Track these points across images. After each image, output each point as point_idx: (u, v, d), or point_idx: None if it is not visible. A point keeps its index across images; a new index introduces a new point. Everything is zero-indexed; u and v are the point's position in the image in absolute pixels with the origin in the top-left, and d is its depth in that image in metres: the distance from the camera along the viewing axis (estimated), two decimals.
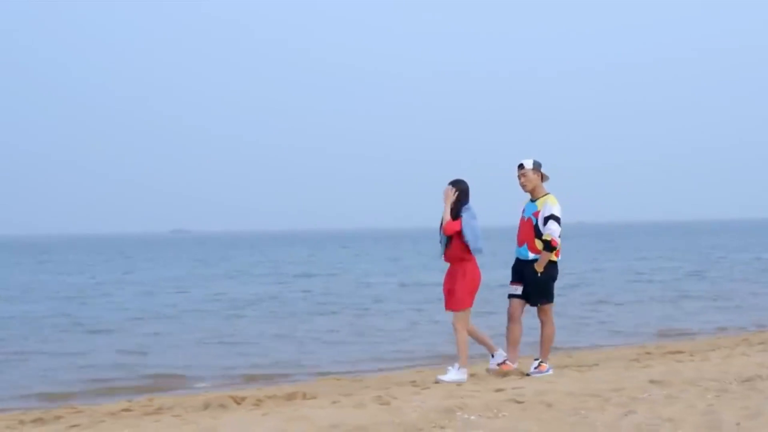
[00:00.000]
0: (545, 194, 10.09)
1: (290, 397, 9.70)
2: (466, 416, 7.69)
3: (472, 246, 9.79)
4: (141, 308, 25.18)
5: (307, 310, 24.00)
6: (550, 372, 10.13)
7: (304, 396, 9.66)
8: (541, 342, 10.21)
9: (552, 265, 10.05)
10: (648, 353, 13.13)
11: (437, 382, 9.82)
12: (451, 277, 10.00)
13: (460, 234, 9.81)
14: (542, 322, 10.21)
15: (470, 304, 9.96)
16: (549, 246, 9.90)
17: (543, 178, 10.17)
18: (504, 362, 10.14)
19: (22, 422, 9.75)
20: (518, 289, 10.14)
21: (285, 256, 68.13)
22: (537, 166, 10.10)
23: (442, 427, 7.34)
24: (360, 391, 9.84)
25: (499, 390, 9.03)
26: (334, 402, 8.94)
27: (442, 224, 9.93)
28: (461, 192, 9.90)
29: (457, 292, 9.86)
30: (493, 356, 10.18)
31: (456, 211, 9.86)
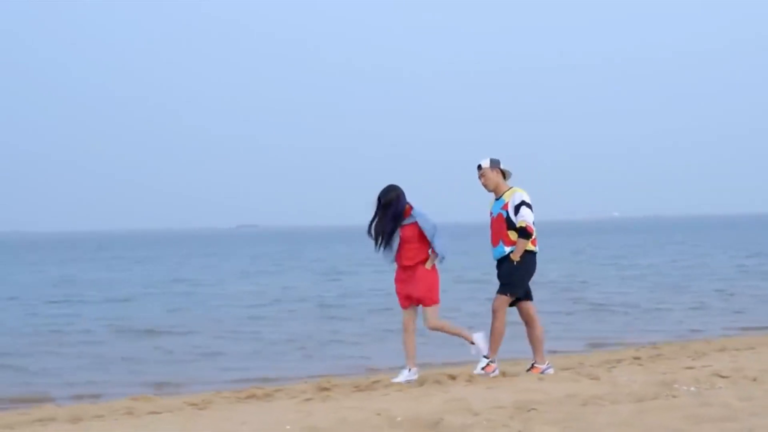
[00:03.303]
0: (509, 188, 10.02)
1: None
2: (685, 388, 8.45)
3: (441, 254, 9.92)
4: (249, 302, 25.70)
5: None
6: (497, 373, 10.03)
7: (504, 374, 10.29)
8: (531, 342, 10.19)
9: (530, 257, 9.87)
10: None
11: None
12: (410, 277, 10.06)
13: (416, 237, 9.95)
14: (526, 323, 10.16)
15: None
16: (525, 233, 9.75)
17: (505, 175, 10.08)
18: (488, 364, 10.15)
19: (238, 399, 10.25)
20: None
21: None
22: (495, 164, 10.02)
23: (674, 396, 8.13)
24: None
25: (689, 368, 9.83)
26: (540, 379, 9.69)
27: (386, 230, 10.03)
28: (393, 202, 9.97)
29: (433, 286, 10.07)
30: (409, 370, 10.28)
31: (398, 220, 9.96)
